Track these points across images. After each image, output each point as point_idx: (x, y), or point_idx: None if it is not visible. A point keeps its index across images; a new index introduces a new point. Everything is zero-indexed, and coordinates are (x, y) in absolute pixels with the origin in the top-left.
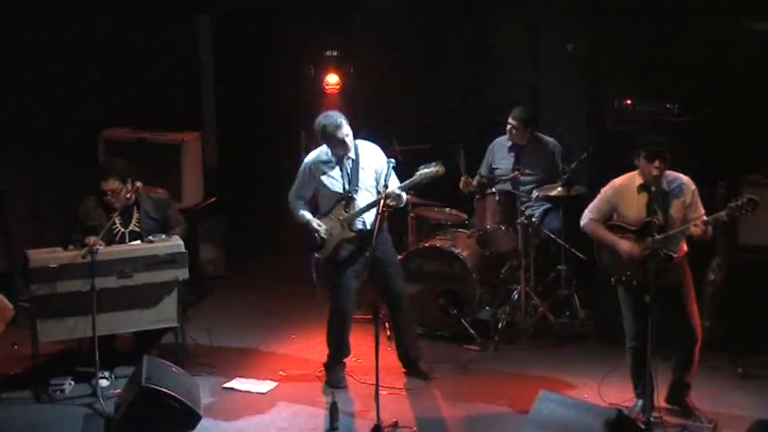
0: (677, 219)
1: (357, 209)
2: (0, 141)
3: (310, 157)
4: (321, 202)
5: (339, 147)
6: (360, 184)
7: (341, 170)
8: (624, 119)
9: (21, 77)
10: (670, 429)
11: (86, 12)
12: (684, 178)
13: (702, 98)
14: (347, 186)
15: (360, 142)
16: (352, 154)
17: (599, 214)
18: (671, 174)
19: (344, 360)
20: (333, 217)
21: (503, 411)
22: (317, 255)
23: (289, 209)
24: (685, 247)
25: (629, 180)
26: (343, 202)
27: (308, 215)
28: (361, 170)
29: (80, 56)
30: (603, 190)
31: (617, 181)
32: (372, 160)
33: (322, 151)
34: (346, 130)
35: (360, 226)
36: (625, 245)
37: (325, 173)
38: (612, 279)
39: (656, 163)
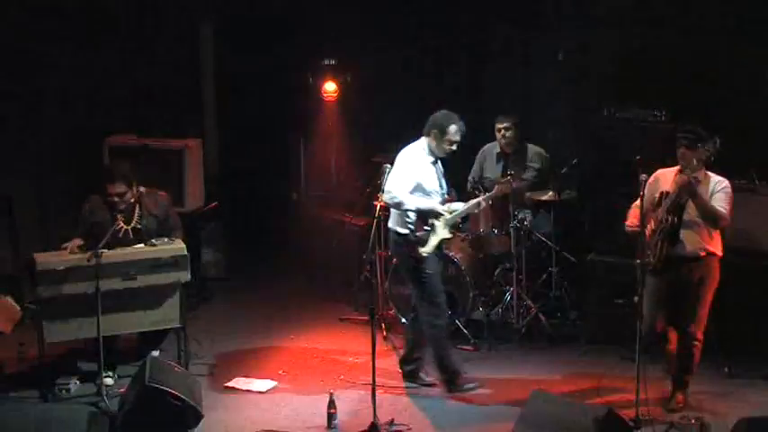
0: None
1: (456, 210)
2: (7, 149)
3: (419, 152)
4: None
5: (449, 144)
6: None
7: (436, 171)
8: (612, 125)
9: (27, 86)
10: (658, 427)
11: (92, 22)
12: (725, 181)
13: (689, 105)
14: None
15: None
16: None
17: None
18: (716, 176)
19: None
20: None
21: (496, 409)
22: (420, 250)
23: (391, 202)
24: (713, 248)
25: (671, 169)
26: (445, 204)
27: (431, 201)
28: (443, 172)
29: (85, 65)
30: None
31: (659, 170)
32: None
33: (423, 148)
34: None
35: None
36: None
37: (431, 170)
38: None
39: (682, 150)
